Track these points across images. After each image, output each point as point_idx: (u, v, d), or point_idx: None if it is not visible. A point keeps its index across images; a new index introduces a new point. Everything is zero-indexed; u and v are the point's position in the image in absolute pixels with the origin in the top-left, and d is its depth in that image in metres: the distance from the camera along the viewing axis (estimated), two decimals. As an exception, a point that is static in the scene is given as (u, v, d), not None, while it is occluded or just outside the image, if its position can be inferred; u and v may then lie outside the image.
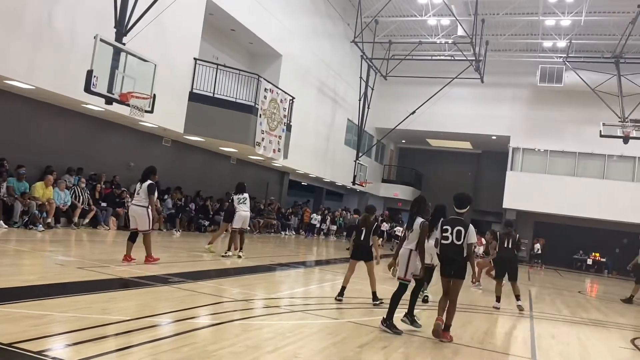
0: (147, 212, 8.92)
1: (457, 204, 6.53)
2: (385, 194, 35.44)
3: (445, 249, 6.32)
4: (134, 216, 9.06)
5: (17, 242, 9.58)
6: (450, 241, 6.26)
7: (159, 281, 7.51)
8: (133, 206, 9.10)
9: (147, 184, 9.04)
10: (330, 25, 25.38)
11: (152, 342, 4.54)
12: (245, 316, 6.19)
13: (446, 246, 6.30)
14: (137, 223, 8.98)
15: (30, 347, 3.89)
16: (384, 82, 30.44)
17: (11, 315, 4.73)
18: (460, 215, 6.45)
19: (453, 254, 6.25)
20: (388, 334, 6.13)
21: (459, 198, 6.59)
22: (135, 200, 9.14)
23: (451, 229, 6.28)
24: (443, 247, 6.34)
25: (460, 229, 6.22)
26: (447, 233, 6.30)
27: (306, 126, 23.23)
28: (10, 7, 10.47)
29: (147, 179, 9.14)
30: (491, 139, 31.75)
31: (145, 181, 9.11)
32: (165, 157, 17.89)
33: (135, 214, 9.02)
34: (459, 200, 6.56)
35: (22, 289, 5.97)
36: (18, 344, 3.90)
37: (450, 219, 6.48)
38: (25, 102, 12.73)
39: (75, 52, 11.61)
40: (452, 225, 6.32)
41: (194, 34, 16.04)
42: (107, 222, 14.40)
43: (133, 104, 11.55)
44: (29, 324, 4.51)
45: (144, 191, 9.01)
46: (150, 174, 9.21)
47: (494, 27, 26.40)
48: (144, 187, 9.04)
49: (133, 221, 9.08)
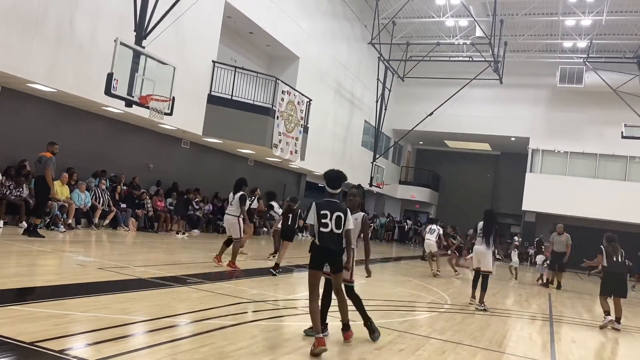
0: (238, 221, 9.72)
1: (331, 183, 5.36)
2: (402, 195, 35.30)
3: (324, 238, 5.20)
4: (227, 226, 9.92)
5: (39, 242, 9.74)
6: (329, 229, 5.18)
7: (178, 282, 7.58)
8: (227, 215, 9.95)
9: (240, 195, 9.76)
10: (347, 27, 25.37)
11: (171, 342, 4.58)
12: (263, 317, 6.21)
13: (325, 235, 5.20)
14: (230, 231, 9.83)
15: (51, 345, 3.95)
16: (402, 84, 30.34)
17: (33, 314, 4.81)
18: (334, 196, 5.38)
19: (333, 244, 5.22)
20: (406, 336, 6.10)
21: (332, 176, 5.35)
22: (228, 210, 9.96)
23: (330, 214, 5.18)
24: (321, 236, 5.22)
25: (340, 214, 5.19)
26: (326, 219, 5.18)
27: (323, 128, 23.26)
28: (32, 12, 10.66)
29: (240, 190, 9.87)
30: (510, 141, 31.45)
31: (237, 192, 9.83)
32: (184, 159, 18.06)
33: (228, 223, 9.87)
34: (332, 178, 5.35)
35: (43, 288, 6.07)
36: (40, 343, 3.96)
37: (327, 201, 5.30)
38: (47, 105, 12.96)
39: (95, 55, 11.78)
40: (330, 210, 5.19)
41: (212, 37, 16.17)
42: (127, 223, 14.57)
43: (152, 106, 11.69)
44: (51, 323, 4.58)
45: (236, 202, 9.76)
46: (242, 185, 9.96)
47: (512, 28, 26.16)
48: (236, 198, 9.77)
49: (227, 229, 9.96)
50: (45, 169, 10.34)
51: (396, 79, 29.58)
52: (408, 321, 7.14)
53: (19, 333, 4.09)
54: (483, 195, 34.87)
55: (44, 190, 10.47)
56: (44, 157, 10.43)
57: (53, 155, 10.50)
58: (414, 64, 28.26)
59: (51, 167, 10.41)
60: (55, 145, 10.64)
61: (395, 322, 6.82)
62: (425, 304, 9.05)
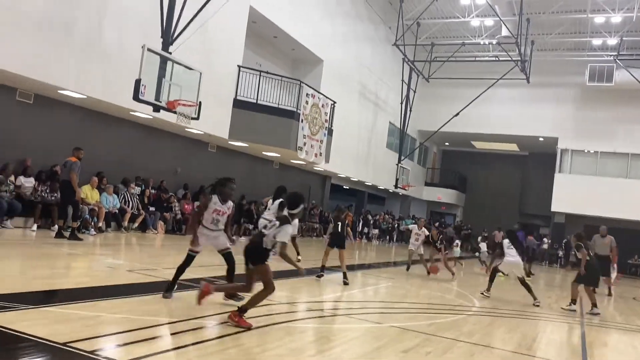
0: None
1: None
2: (428, 197, 35.03)
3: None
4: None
5: (70, 245, 9.96)
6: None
7: (205, 284, 7.65)
8: (262, 220, 10.22)
9: (279, 202, 9.97)
10: (371, 29, 25.34)
11: (199, 343, 4.64)
12: (289, 319, 6.24)
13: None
14: None
15: (83, 346, 4.04)
16: (427, 85, 30.14)
17: (65, 315, 4.92)
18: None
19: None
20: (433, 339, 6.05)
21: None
22: (265, 214, 10.32)
23: None
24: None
25: None
26: None
27: (348, 130, 23.25)
28: (62, 20, 10.94)
29: (280, 197, 10.15)
30: (538, 141, 30.95)
31: (277, 199, 10.13)
32: (211, 162, 18.26)
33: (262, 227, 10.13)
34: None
35: (75, 290, 6.21)
36: (72, 344, 4.06)
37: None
38: (78, 111, 13.27)
39: (123, 61, 12.02)
40: None
41: (237, 42, 16.34)
42: (156, 226, 14.80)
43: (180, 111, 11.85)
44: (82, 324, 4.69)
45: (275, 207, 10.04)
46: (282, 193, 10.26)
47: (539, 27, 25.76)
48: (276, 204, 10.06)
49: None
50: (70, 173, 10.60)
51: (421, 80, 29.40)
52: (435, 324, 7.08)
53: (53, 333, 4.20)
54: (511, 196, 34.39)
55: (70, 194, 10.71)
56: (69, 161, 10.69)
57: (78, 160, 10.74)
58: (439, 65, 28.06)
59: (76, 171, 10.64)
60: (80, 151, 10.88)
61: (422, 325, 6.77)
62: (452, 306, 8.96)
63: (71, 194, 10.71)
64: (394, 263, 16.44)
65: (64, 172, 10.88)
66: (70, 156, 10.78)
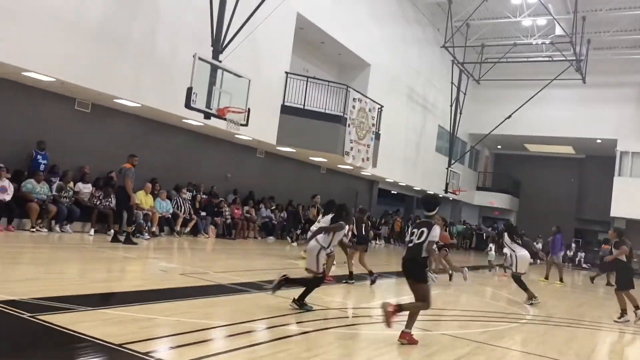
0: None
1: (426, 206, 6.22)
2: (480, 202, 34.22)
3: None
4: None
5: (125, 249, 10.29)
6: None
7: (255, 288, 7.74)
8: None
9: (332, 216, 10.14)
10: (419, 32, 25.07)
11: (249, 347, 4.68)
12: (338, 325, 6.21)
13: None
14: None
15: (138, 348, 4.14)
16: (477, 87, 29.55)
17: (121, 317, 5.08)
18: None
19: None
20: (485, 347, 5.89)
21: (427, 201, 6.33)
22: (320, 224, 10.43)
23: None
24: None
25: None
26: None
27: (395, 134, 23.04)
28: (117, 32, 11.36)
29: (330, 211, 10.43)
30: (595, 143, 29.75)
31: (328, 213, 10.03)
32: (259, 167, 18.52)
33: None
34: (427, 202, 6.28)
35: (130, 293, 6.40)
36: (127, 345, 4.17)
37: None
38: (132, 119, 13.74)
39: (176, 70, 12.36)
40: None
41: (285, 49, 16.52)
42: (207, 231, 15.10)
43: (229, 118, 12.07)
44: (137, 327, 4.82)
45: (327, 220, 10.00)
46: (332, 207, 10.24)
47: (596, 24, 24.78)
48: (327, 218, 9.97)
49: None
50: (124, 179, 10.96)
51: (471, 82, 28.85)
52: (488, 332, 6.90)
53: (109, 335, 4.33)
54: (567, 200, 33.16)
55: (124, 200, 11.07)
56: (124, 168, 11.07)
57: (132, 166, 11.10)
58: (489, 66, 27.45)
59: (130, 177, 10.99)
60: (134, 157, 11.24)
61: (474, 333, 6.61)
62: (504, 314, 8.71)
63: (126, 200, 11.07)
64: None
65: (119, 179, 11.29)
66: (125, 163, 11.17)
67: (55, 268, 7.63)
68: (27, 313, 4.62)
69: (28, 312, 4.63)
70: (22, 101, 11.49)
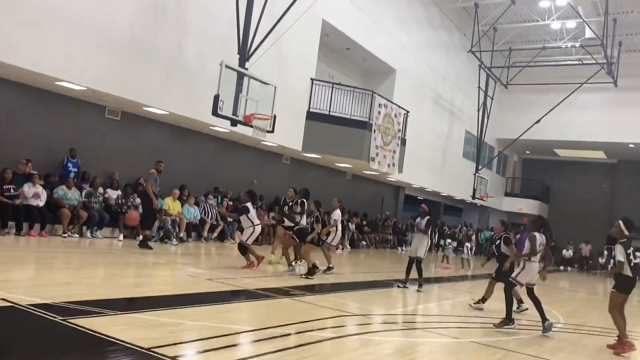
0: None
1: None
2: (508, 208, 33.64)
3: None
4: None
5: (153, 254, 10.44)
6: None
7: (281, 293, 7.77)
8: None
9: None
10: (445, 36, 24.90)
11: (277, 352, 4.68)
12: (364, 331, 6.19)
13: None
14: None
15: (166, 352, 4.20)
16: (505, 91, 29.16)
17: (150, 322, 5.15)
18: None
19: None
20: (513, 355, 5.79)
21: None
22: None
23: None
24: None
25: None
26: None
27: (421, 139, 22.88)
28: (147, 41, 11.59)
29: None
30: (628, 147, 28.99)
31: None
32: (285, 174, 18.59)
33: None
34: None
35: (158, 298, 6.49)
36: (156, 349, 4.23)
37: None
38: (161, 127, 13.98)
39: (203, 78, 12.52)
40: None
41: (310, 56, 16.60)
42: (233, 236, 15.21)
43: (256, 124, 12.17)
44: (166, 331, 4.88)
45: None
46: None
47: (627, 26, 24.26)
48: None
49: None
50: (146, 183, 11.12)
51: (499, 87, 28.48)
52: (516, 339, 6.78)
53: (138, 339, 4.40)
54: (599, 207, 32.34)
55: (148, 204, 11.21)
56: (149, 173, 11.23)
57: (156, 171, 11.21)
58: (517, 70, 27.09)
59: (152, 182, 11.07)
60: (160, 163, 11.38)
61: (502, 341, 6.50)
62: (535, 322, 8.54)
63: (149, 204, 11.22)
64: (471, 277, 15.92)
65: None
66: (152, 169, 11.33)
67: (86, 273, 7.79)
68: (59, 316, 4.72)
69: (60, 316, 4.74)
70: (55, 110, 11.80)
